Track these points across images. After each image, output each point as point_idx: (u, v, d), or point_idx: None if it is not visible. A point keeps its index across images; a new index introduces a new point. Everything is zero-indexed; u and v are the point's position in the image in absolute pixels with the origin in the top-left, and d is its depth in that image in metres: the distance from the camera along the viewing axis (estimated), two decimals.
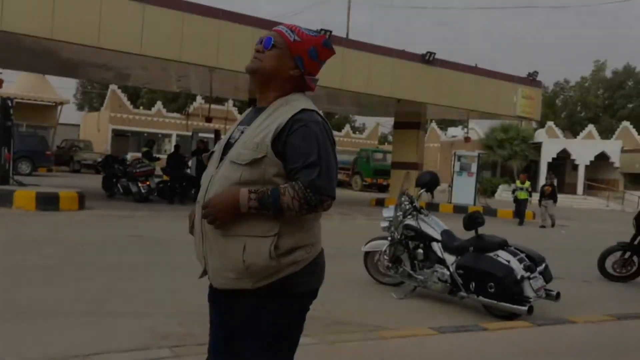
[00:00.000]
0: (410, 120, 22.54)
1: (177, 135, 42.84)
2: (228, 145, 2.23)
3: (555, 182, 19.77)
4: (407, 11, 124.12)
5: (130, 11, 13.96)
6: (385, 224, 7.00)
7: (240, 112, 46.36)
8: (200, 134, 20.84)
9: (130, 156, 21.16)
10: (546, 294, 5.93)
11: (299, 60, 2.20)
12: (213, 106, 28.79)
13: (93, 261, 7.41)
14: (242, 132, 2.21)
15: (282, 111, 2.15)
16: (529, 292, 5.71)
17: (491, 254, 5.93)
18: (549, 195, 18.32)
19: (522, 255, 5.96)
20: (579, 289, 8.00)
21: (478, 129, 43.76)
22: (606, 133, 48.67)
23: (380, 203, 22.40)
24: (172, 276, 6.83)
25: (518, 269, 5.75)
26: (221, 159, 2.21)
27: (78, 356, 3.76)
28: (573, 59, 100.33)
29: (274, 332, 2.16)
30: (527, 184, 19.11)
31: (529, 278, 5.74)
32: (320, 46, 2.24)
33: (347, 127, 52.66)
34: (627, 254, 8.89)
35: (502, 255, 5.89)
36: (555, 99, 60.51)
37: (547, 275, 6.02)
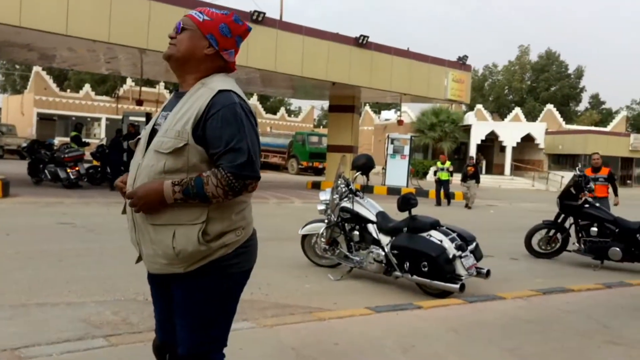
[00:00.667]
0: (344, 103, 22.69)
1: (107, 119, 41.59)
2: (153, 132, 2.23)
3: (475, 162, 19.67)
4: None
5: None
6: (322, 206, 7.06)
7: (171, 94, 45.41)
8: (131, 118, 20.26)
9: (57, 141, 20.31)
10: (477, 271, 6.14)
11: (211, 38, 2.22)
12: (144, 89, 28.02)
13: (21, 250, 7.13)
14: (166, 119, 2.21)
15: (199, 94, 2.16)
16: (460, 270, 5.90)
17: (424, 234, 6.09)
18: (472, 175, 18.26)
19: (454, 234, 6.15)
20: (507, 266, 8.33)
21: (410, 112, 44.54)
22: (532, 115, 50.58)
23: (317, 186, 22.55)
24: (104, 263, 6.67)
25: (450, 248, 5.93)
26: (147, 147, 2.21)
27: (6, 349, 3.62)
28: (501, 43, 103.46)
29: (208, 311, 2.21)
30: (448, 164, 19.14)
31: (460, 257, 5.94)
32: (231, 22, 2.26)
33: (283, 110, 52.54)
34: (552, 232, 9.32)
35: (435, 235, 6.06)
36: (484, 83, 62.30)
37: (477, 254, 6.24)
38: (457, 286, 5.78)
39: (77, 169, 15.49)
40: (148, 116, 19.56)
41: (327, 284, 6.49)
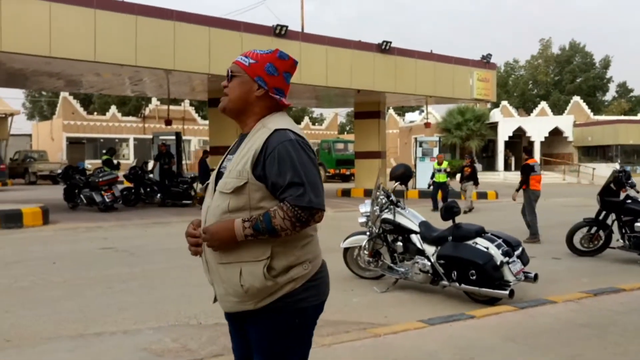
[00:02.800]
0: (370, 109, 22.72)
1: (134, 139, 42.17)
2: (219, 175, 2.30)
3: (472, 162, 17.70)
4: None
5: (81, 17, 13.62)
6: (362, 219, 7.06)
7: (197, 112, 45.84)
8: (161, 137, 20.54)
9: (90, 165, 20.72)
10: (525, 276, 6.09)
11: (259, 80, 2.27)
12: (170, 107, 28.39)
13: (68, 278, 7.27)
14: (230, 161, 2.28)
15: (258, 135, 2.22)
16: (509, 276, 5.86)
17: (470, 242, 6.06)
18: (469, 176, 16.92)
19: (500, 241, 6.10)
20: (550, 266, 8.23)
21: (435, 112, 44.35)
22: (557, 108, 49.91)
23: (347, 194, 22.55)
24: (151, 288, 6.76)
25: (497, 254, 5.89)
26: (214, 190, 2.28)
27: None
28: (518, 39, 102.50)
29: (283, 346, 2.24)
30: (445, 164, 17.49)
31: (507, 263, 5.89)
32: (276, 60, 2.30)
33: (306, 119, 52.72)
34: (594, 229, 9.18)
35: (481, 243, 6.03)
36: (507, 79, 61.73)
37: (524, 259, 6.19)
38: (507, 292, 5.74)
39: (111, 192, 15.75)
40: (178, 135, 19.80)
41: (373, 296, 6.49)
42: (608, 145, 40.29)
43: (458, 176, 18.92)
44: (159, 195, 17.78)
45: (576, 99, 46.55)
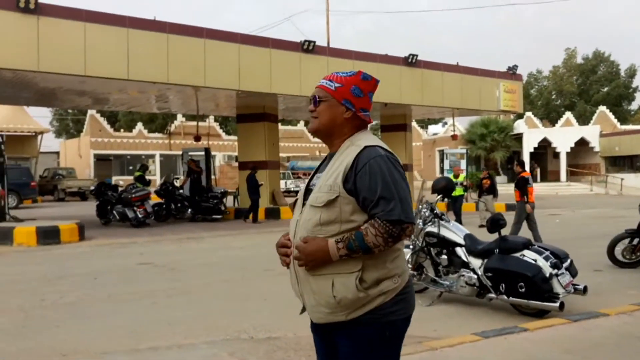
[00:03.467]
0: (396, 122, 22.77)
1: (160, 155, 42.63)
2: (308, 191, 2.38)
3: (489, 174, 16.70)
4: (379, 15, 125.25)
5: (114, 37, 13.90)
6: None
7: (221, 127, 46.26)
8: (190, 153, 20.76)
9: (122, 181, 21.01)
10: (574, 288, 6.02)
11: (347, 102, 2.34)
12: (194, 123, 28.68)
13: (112, 294, 7.36)
14: (319, 179, 2.35)
15: (348, 152, 2.29)
16: (558, 288, 5.80)
17: (517, 255, 6.02)
18: (488, 189, 16.02)
19: (547, 253, 6.04)
20: (593, 278, 8.11)
21: (458, 124, 44.21)
22: (583, 119, 49.41)
23: None
24: (196, 302, 6.82)
25: (545, 267, 5.84)
26: (303, 204, 2.36)
27: None
28: (541, 49, 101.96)
29: (370, 357, 2.26)
30: (462, 177, 16.75)
31: (556, 275, 5.83)
32: (360, 82, 2.38)
33: None
34: (636, 240, 9.06)
35: (529, 255, 5.98)
36: (530, 90, 61.36)
37: (572, 270, 6.12)
38: (557, 305, 5.68)
39: (144, 207, 15.93)
40: (207, 151, 20.00)
41: (419, 309, 6.39)
42: (636, 154, 39.71)
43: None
44: (189, 210, 17.93)
45: (602, 108, 46.05)
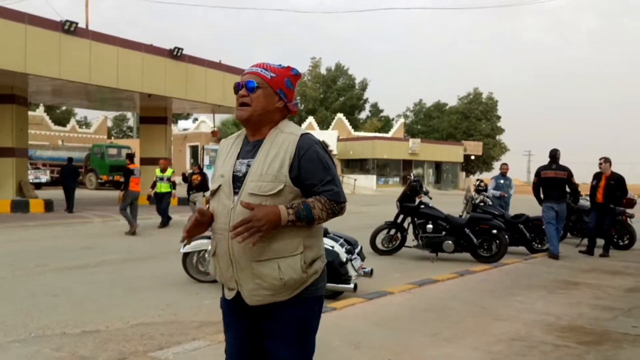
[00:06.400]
0: (157, 115, 22.32)
1: None
2: (236, 178, 2.41)
3: (199, 169, 15.01)
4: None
5: None
6: None
7: None
8: None
9: None
10: (363, 272, 6.78)
11: (281, 92, 2.47)
12: None
13: None
14: (249, 165, 2.40)
15: (282, 140, 2.40)
16: (352, 271, 6.48)
17: None
18: (198, 186, 14.31)
19: (342, 240, 6.71)
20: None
21: (209, 121, 44.76)
22: (323, 124, 53.82)
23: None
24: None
25: (341, 252, 6.48)
26: (234, 192, 2.38)
27: None
28: (288, 58, 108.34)
29: (306, 330, 2.46)
30: (169, 171, 14.57)
31: (351, 260, 6.52)
32: (292, 76, 2.53)
33: (73, 122, 49.14)
34: (393, 231, 10.41)
35: (326, 242, 6.55)
36: None
37: (362, 256, 6.89)
38: (352, 286, 6.36)
39: None
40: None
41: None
42: (366, 158, 44.73)
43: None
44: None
45: (340, 116, 50.78)
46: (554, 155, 10.27)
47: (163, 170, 14.46)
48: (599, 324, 5.42)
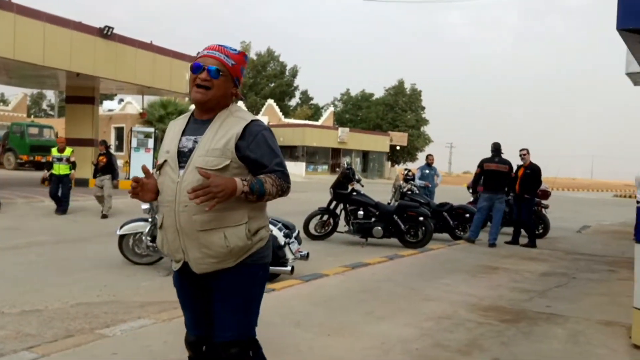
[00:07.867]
0: (83, 94, 21.63)
1: None
2: (181, 154, 2.56)
3: (110, 149, 13.66)
4: None
5: None
6: (146, 206, 7.15)
7: None
8: None
9: None
10: (300, 255, 7.03)
11: (237, 80, 2.65)
12: None
13: None
14: (196, 142, 2.56)
15: (232, 122, 2.57)
16: (289, 255, 6.72)
17: None
18: (104, 168, 12.74)
19: (280, 224, 6.92)
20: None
21: (136, 103, 43.65)
22: (253, 109, 53.62)
23: None
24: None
25: (279, 236, 6.70)
26: (180, 166, 2.53)
27: None
28: (210, 39, 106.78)
29: (251, 295, 2.65)
30: (69, 151, 13.07)
31: (289, 243, 6.75)
32: (245, 63, 2.70)
33: None
34: (325, 217, 10.71)
35: None
36: None
37: (299, 240, 7.13)
38: (289, 269, 6.59)
39: None
40: None
41: (159, 280, 6.71)
42: (295, 145, 44.92)
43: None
44: None
45: (270, 102, 50.69)
46: (497, 148, 10.79)
47: (61, 150, 12.96)
48: (517, 304, 5.90)
